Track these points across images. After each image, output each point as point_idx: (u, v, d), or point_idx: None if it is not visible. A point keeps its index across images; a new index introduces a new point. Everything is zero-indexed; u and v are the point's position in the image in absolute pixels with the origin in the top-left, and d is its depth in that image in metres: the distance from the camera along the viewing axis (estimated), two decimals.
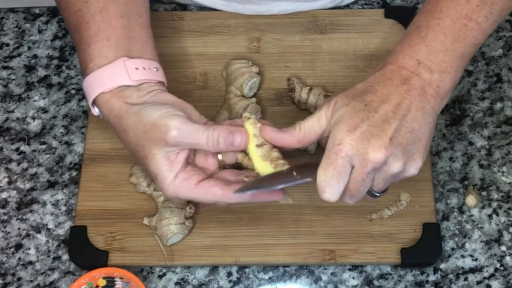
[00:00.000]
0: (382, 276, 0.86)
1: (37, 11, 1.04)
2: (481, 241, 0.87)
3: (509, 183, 0.90)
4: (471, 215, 0.89)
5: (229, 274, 0.87)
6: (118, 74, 0.78)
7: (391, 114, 0.71)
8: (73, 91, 0.98)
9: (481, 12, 0.75)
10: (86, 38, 0.80)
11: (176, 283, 0.86)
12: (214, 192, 0.76)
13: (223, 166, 0.80)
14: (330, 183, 0.71)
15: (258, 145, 0.76)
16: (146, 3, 0.85)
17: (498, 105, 0.95)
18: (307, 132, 0.75)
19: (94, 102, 0.79)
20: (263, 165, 0.76)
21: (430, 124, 0.73)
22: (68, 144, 0.95)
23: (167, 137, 0.74)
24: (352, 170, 0.71)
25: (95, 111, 0.81)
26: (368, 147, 0.70)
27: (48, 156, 0.94)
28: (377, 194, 0.75)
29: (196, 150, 0.78)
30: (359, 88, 0.74)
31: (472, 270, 0.86)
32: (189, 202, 0.87)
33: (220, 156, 0.79)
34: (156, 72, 0.81)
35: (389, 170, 0.72)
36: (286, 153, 0.91)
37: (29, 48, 1.01)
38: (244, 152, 0.78)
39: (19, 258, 0.88)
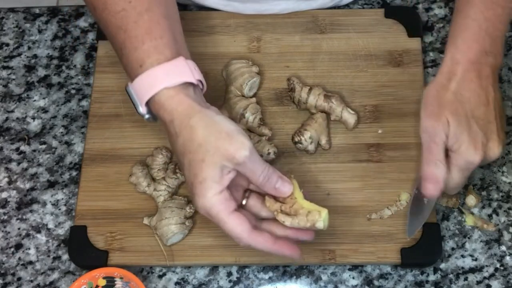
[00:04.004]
0: (382, 276, 0.86)
1: (37, 11, 1.04)
2: (481, 241, 0.87)
3: (509, 183, 0.90)
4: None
5: (229, 274, 0.87)
6: (183, 71, 0.78)
7: (489, 113, 0.80)
8: (73, 91, 0.98)
9: None
10: (138, 37, 0.79)
11: (176, 283, 0.86)
12: (244, 228, 0.76)
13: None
14: (460, 187, 0.83)
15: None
16: (176, 8, 0.85)
17: None
18: (443, 159, 0.81)
19: (150, 100, 0.78)
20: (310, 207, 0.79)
21: (500, 96, 0.83)
22: (68, 144, 0.95)
23: (238, 153, 0.74)
24: None
25: (144, 109, 0.79)
26: (489, 152, 0.80)
27: (48, 156, 0.94)
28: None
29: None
30: (451, 99, 0.80)
31: (472, 270, 0.86)
32: (189, 202, 0.87)
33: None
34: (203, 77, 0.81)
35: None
36: (284, 152, 0.91)
37: (29, 48, 1.01)
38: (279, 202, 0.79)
39: (19, 258, 0.88)
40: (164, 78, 0.77)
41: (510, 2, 0.83)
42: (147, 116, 0.80)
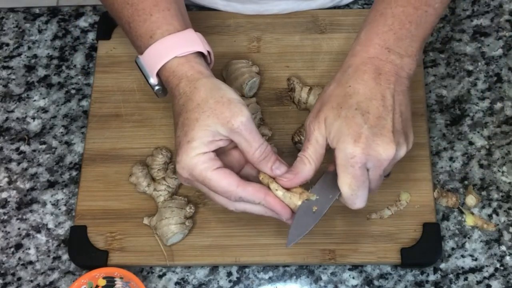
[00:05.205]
0: (382, 276, 0.86)
1: (37, 11, 1.04)
2: (481, 241, 0.87)
3: (509, 183, 0.90)
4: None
5: (229, 274, 0.87)
6: (193, 41, 0.79)
7: (382, 108, 0.74)
8: (73, 91, 0.98)
9: None
10: (145, 9, 0.80)
11: (176, 283, 0.86)
12: (231, 181, 0.74)
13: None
14: (357, 194, 0.74)
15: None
16: None
17: (498, 105, 0.95)
18: (316, 158, 0.76)
19: (162, 69, 0.78)
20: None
21: (408, 101, 0.77)
22: (68, 144, 0.95)
23: (234, 119, 0.73)
24: (368, 172, 0.74)
25: (155, 79, 0.79)
26: (378, 148, 0.73)
27: (48, 156, 0.94)
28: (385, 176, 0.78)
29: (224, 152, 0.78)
30: (338, 93, 0.75)
31: (472, 270, 0.86)
32: (189, 202, 0.87)
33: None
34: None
35: (397, 157, 0.75)
36: (284, 152, 0.91)
37: (29, 48, 1.01)
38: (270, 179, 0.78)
39: (19, 258, 0.88)
40: (175, 47, 0.78)
41: (425, 5, 0.78)
42: (157, 87, 0.80)
